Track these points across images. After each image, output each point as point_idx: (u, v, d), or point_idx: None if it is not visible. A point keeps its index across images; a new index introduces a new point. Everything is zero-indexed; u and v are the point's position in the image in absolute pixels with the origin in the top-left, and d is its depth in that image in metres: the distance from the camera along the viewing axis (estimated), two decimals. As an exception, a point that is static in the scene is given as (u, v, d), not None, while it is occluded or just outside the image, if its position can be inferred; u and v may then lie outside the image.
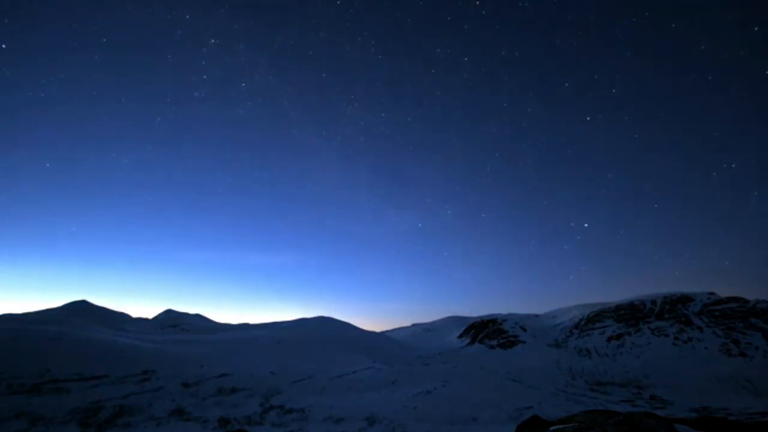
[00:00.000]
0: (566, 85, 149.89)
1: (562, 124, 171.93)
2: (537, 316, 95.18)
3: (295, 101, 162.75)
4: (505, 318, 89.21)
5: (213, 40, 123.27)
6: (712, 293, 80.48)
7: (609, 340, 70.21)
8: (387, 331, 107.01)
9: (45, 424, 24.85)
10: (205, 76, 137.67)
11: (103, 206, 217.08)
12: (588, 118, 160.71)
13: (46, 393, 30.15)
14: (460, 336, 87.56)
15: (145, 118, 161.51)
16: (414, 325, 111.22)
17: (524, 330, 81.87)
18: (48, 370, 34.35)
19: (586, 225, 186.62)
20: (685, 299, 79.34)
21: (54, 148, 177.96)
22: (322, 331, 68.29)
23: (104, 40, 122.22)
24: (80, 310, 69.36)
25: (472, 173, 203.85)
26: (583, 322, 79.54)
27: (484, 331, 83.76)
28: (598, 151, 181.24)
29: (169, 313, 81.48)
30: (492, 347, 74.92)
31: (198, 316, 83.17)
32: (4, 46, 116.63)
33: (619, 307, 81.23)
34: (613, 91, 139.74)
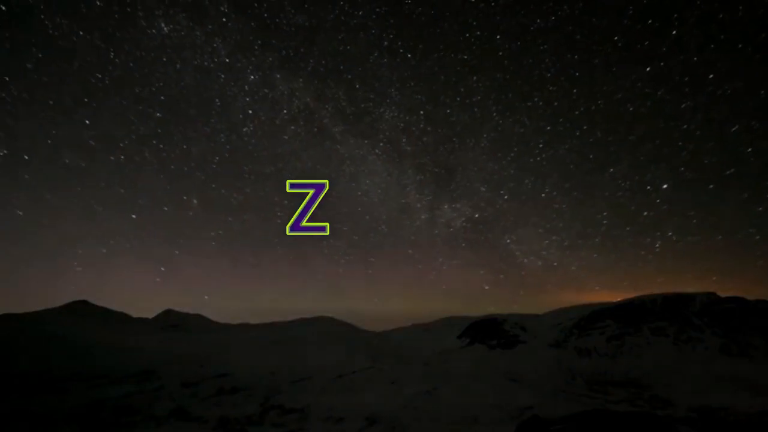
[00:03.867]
0: (615, 38, 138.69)
1: (618, 81, 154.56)
2: (537, 316, 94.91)
3: (335, 117, 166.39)
4: (505, 318, 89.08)
5: (252, 77, 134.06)
6: (712, 293, 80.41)
7: (609, 340, 70.10)
8: (387, 331, 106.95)
9: (45, 424, 24.85)
10: (250, 111, 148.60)
11: (174, 243, 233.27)
12: (648, 69, 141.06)
13: (46, 393, 30.15)
14: (460, 336, 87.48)
15: (205, 160, 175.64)
16: (413, 325, 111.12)
17: (524, 330, 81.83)
18: (48, 370, 34.34)
19: (665, 186, 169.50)
20: (685, 299, 79.26)
21: (135, 201, 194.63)
22: (322, 331, 68.29)
23: (162, 98, 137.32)
24: (80, 310, 69.32)
25: (525, 153, 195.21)
26: (583, 322, 79.41)
27: (484, 331, 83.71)
28: (667, 102, 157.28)
29: (169, 313, 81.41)
30: (492, 347, 74.85)
31: (198, 316, 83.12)
32: (87, 122, 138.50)
33: (619, 307, 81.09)
34: (674, 32, 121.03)
